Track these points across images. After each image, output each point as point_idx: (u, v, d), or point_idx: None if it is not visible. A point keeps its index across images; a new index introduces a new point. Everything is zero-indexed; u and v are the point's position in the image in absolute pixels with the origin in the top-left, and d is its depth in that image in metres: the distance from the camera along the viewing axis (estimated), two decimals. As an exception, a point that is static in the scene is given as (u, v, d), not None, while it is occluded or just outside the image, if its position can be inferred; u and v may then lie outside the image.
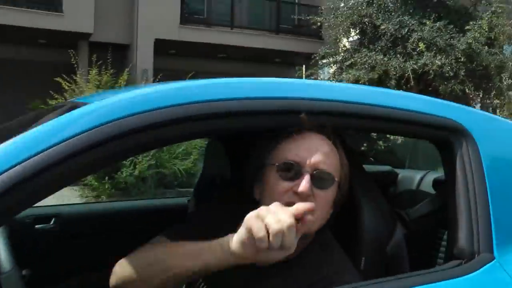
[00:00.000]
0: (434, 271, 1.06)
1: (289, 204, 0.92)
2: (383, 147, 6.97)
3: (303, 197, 0.94)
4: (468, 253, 1.08)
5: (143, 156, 6.74)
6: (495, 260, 1.08)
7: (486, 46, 9.67)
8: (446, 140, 1.19)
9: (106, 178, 6.80)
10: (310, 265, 1.00)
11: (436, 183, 1.61)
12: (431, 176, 1.77)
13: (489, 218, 1.11)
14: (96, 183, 6.93)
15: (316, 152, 0.98)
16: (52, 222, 1.89)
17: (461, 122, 1.20)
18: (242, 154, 1.14)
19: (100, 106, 0.91)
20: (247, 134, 1.20)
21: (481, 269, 1.05)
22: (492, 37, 9.80)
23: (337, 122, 1.07)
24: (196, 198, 1.76)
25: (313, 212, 0.91)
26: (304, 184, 0.95)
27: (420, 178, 1.83)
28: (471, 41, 9.35)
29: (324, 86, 1.34)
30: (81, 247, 1.89)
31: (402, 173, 1.96)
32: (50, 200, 1.04)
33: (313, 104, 1.05)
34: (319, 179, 0.97)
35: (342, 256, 1.05)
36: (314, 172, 0.97)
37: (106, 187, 6.84)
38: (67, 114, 0.89)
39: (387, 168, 2.09)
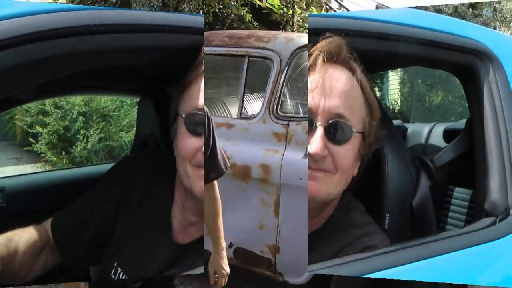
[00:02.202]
0: (464, 233, 0.82)
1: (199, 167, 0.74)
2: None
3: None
4: (502, 208, 0.84)
5: (94, 129, 6.52)
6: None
7: (471, 9, 9.68)
8: (470, 65, 0.93)
9: (63, 153, 6.51)
10: (337, 233, 0.80)
11: (447, 133, 1.36)
12: (440, 128, 1.52)
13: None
14: (55, 158, 6.63)
15: None
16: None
17: (487, 44, 0.95)
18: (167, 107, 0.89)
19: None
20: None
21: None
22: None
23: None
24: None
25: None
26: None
27: (428, 131, 1.59)
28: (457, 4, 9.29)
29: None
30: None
31: (411, 127, 1.71)
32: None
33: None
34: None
35: (366, 216, 0.83)
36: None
37: (64, 162, 6.52)
38: None
39: (396, 122, 1.81)
